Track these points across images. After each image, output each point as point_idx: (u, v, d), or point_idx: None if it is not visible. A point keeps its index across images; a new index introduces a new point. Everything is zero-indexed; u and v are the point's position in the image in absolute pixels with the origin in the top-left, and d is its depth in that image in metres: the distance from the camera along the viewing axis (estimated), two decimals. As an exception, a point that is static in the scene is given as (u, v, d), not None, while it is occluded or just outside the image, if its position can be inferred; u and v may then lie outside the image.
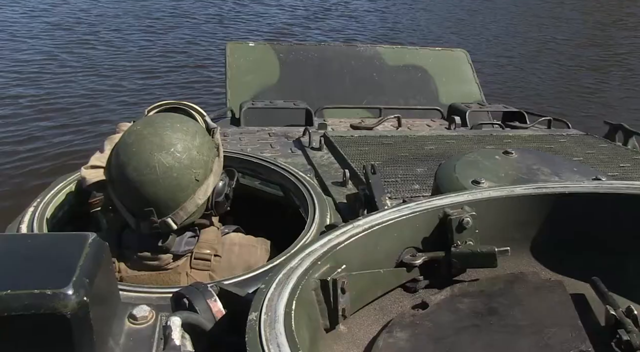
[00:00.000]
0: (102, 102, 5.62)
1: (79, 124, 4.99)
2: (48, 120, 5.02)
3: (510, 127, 2.51)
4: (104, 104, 5.55)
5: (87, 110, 5.34)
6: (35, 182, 3.77)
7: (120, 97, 5.82)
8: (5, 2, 10.26)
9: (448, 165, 1.17)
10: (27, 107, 5.25)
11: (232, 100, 2.61)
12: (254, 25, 10.70)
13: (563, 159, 1.31)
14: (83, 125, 4.98)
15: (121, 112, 5.26)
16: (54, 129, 4.84)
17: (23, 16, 9.66)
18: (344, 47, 3.32)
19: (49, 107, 5.28)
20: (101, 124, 4.93)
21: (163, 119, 1.08)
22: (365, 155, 1.77)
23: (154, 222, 1.04)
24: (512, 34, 10.97)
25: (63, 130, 4.85)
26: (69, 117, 5.13)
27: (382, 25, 11.60)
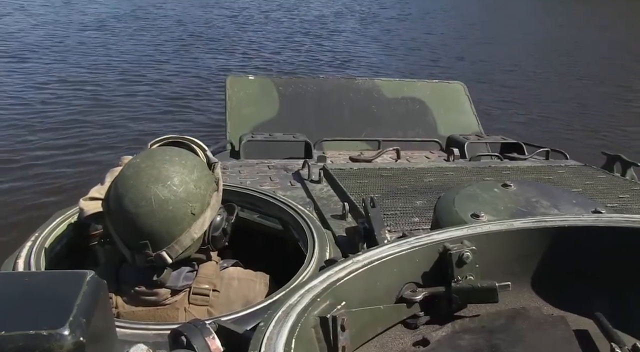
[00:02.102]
0: (103, 135, 5.67)
1: (79, 158, 5.02)
2: (48, 155, 5.04)
3: (509, 158, 2.51)
4: (105, 137, 5.61)
5: (89, 143, 5.38)
6: (35, 214, 3.74)
7: (121, 132, 5.86)
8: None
9: (447, 199, 1.16)
10: (28, 141, 5.29)
11: (232, 133, 2.62)
12: (254, 58, 10.86)
13: (562, 191, 1.31)
14: (84, 158, 5.01)
15: (122, 146, 5.30)
16: (54, 163, 4.87)
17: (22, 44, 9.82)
18: (343, 80, 3.35)
19: (52, 142, 5.33)
20: (102, 158, 4.96)
21: (162, 153, 1.08)
22: (365, 187, 1.77)
23: (149, 255, 1.03)
24: (512, 65, 11.14)
25: (64, 163, 4.87)
26: (69, 150, 5.16)
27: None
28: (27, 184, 4.37)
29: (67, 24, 12.67)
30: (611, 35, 16.17)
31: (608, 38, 15.31)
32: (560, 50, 12.99)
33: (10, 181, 4.40)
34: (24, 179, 4.45)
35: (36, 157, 4.92)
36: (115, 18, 14.16)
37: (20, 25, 11.75)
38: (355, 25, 16.03)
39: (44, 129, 5.59)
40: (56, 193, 4.20)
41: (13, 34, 10.66)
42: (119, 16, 14.57)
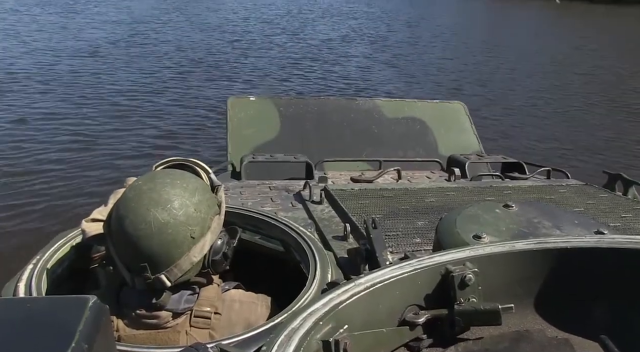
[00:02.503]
0: (106, 159, 5.68)
1: (82, 181, 5.04)
2: (52, 178, 5.07)
3: (510, 178, 2.52)
4: (107, 162, 5.61)
5: (92, 166, 5.41)
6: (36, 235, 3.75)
7: (126, 154, 5.89)
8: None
9: (449, 220, 1.17)
10: (32, 168, 5.31)
11: (233, 154, 2.63)
12: (259, 86, 10.77)
13: (564, 211, 1.32)
14: (87, 182, 5.03)
15: (126, 168, 5.31)
16: (56, 187, 4.89)
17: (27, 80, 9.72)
18: (343, 100, 3.38)
19: (54, 168, 5.36)
20: (105, 181, 4.98)
21: (164, 175, 1.10)
22: (366, 208, 1.77)
23: (148, 278, 1.03)
24: (513, 86, 11.19)
25: (65, 187, 4.89)
26: (72, 174, 5.19)
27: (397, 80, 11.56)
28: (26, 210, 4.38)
29: (59, 50, 12.25)
30: (613, 54, 16.23)
31: (609, 58, 15.37)
32: (562, 70, 13.10)
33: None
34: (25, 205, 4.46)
35: (36, 184, 4.93)
36: (112, 44, 13.78)
37: (8, 52, 11.42)
38: (366, 50, 15.26)
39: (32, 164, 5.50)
40: (54, 218, 4.22)
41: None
42: (116, 41, 14.10)
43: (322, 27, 21.49)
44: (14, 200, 4.59)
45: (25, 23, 17.58)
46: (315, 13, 27.68)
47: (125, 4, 27.67)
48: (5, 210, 4.37)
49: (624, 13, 31.60)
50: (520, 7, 39.93)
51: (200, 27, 19.72)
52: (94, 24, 18.73)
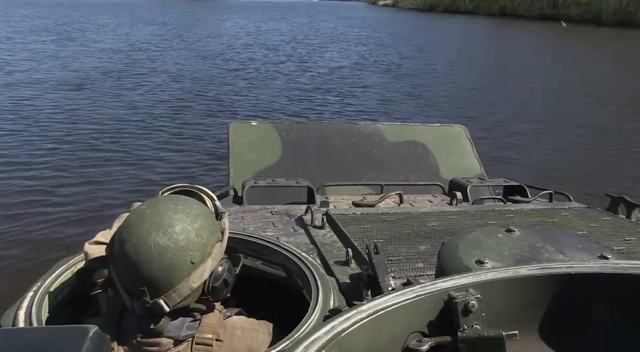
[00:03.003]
0: (109, 185, 5.49)
1: (85, 208, 4.90)
2: (56, 204, 4.95)
3: (512, 201, 2.49)
4: (110, 188, 5.44)
5: (95, 194, 5.25)
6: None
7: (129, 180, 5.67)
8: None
9: (451, 245, 1.15)
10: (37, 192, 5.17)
11: (235, 179, 2.61)
12: (262, 115, 10.14)
13: (566, 235, 1.32)
14: (90, 208, 4.89)
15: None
16: (59, 213, 4.75)
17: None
18: (345, 124, 3.38)
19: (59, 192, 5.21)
20: (108, 206, 4.83)
21: (167, 200, 1.10)
22: (368, 233, 1.75)
23: (147, 302, 1.03)
24: (515, 106, 11.00)
25: (69, 213, 4.76)
26: (76, 200, 5.05)
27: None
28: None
29: (44, 82, 11.48)
30: (614, 75, 15.89)
31: (611, 79, 15.02)
32: (565, 92, 12.87)
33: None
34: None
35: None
36: (104, 74, 13.04)
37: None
38: (382, 79, 14.16)
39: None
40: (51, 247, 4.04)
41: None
42: (107, 72, 13.32)
43: (331, 54, 20.14)
44: (14, 227, 4.48)
45: (14, 52, 16.46)
46: (321, 39, 26.55)
47: (124, 31, 26.75)
48: (5, 236, 4.30)
49: (630, 36, 31.24)
50: (522, 30, 39.88)
51: (200, 54, 18.44)
52: (88, 52, 17.64)
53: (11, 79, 11.62)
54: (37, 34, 22.50)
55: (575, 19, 54.27)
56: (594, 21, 54.81)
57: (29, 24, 27.88)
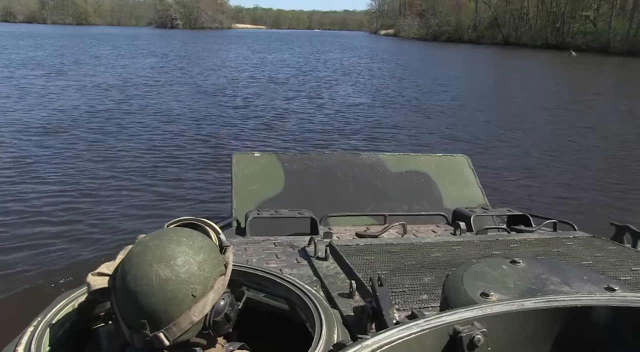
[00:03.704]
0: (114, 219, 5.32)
1: (88, 242, 4.78)
2: (57, 238, 4.81)
3: (516, 231, 2.45)
4: (114, 222, 5.27)
5: (99, 227, 5.11)
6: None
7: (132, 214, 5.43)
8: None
9: (455, 277, 1.13)
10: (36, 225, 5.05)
11: (238, 210, 2.59)
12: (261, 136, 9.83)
13: (572, 266, 1.30)
14: (93, 241, 4.78)
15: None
16: (62, 249, 4.56)
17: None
18: (347, 155, 3.31)
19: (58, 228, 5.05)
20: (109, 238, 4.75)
21: (171, 233, 1.09)
22: (372, 264, 1.73)
23: (146, 335, 1.01)
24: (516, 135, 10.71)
25: (70, 250, 4.58)
26: (79, 237, 4.93)
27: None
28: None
29: (9, 124, 9.75)
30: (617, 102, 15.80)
31: (613, 106, 14.85)
32: (569, 121, 12.66)
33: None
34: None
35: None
36: (90, 113, 11.58)
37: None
38: (409, 117, 12.50)
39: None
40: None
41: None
42: (95, 112, 11.73)
43: (344, 88, 18.37)
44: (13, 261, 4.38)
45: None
46: (330, 70, 24.95)
47: (121, 63, 25.12)
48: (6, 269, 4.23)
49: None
50: (533, 60, 39.23)
51: (202, 89, 16.65)
52: (78, 87, 15.77)
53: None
54: (28, 68, 20.91)
55: (582, 48, 53.23)
56: (602, 50, 53.75)
57: (22, 57, 26.49)
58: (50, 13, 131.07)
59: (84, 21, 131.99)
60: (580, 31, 55.70)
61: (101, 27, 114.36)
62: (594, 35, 52.61)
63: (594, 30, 53.58)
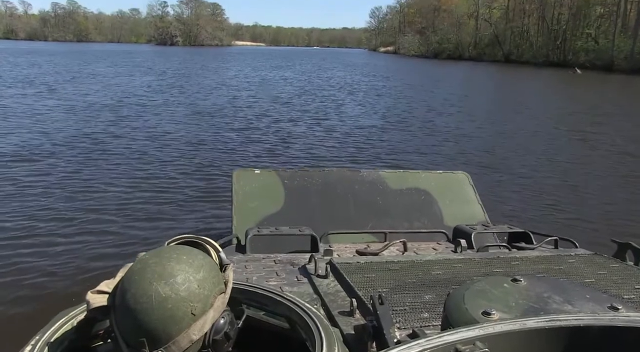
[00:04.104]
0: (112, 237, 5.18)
1: (88, 261, 4.67)
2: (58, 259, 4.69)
3: (517, 248, 2.44)
4: (114, 240, 5.12)
5: (102, 245, 5.01)
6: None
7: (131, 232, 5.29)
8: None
9: (457, 296, 1.13)
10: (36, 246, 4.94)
11: (238, 227, 2.59)
12: (263, 155, 9.48)
13: (574, 284, 1.28)
14: (95, 259, 4.69)
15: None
16: (61, 272, 4.46)
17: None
18: (348, 172, 3.25)
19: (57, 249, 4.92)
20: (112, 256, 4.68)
21: (171, 250, 1.09)
22: (372, 282, 1.72)
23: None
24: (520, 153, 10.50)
25: (70, 269, 4.51)
26: (81, 254, 4.81)
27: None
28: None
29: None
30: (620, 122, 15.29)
31: (623, 129, 14.26)
32: (571, 138, 12.52)
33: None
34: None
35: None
36: (74, 136, 10.39)
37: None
38: (427, 141, 11.42)
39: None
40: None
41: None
42: (77, 137, 10.54)
43: (351, 108, 17.24)
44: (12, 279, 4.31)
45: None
46: (335, 89, 23.94)
47: (117, 81, 24.07)
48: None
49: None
50: (532, 75, 38.80)
51: (200, 109, 15.47)
52: (67, 107, 14.69)
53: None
54: (18, 87, 19.83)
55: (586, 65, 52.54)
56: (606, 68, 53.07)
57: (15, 74, 25.51)
58: (51, 30, 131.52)
59: (84, 38, 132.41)
60: (582, 49, 55.17)
61: (101, 44, 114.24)
62: (597, 52, 52.05)
63: (597, 48, 53.03)
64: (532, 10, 67.66)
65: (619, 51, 49.40)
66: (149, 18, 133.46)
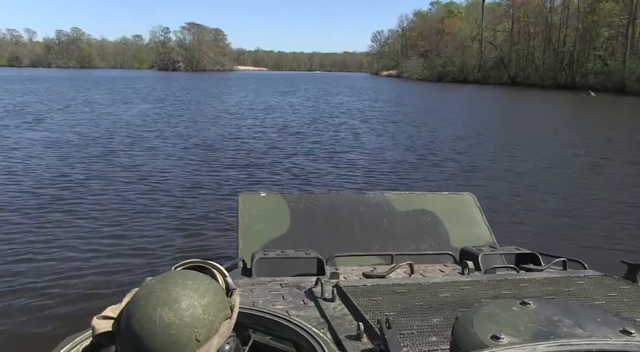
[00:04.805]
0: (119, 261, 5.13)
1: (96, 286, 4.65)
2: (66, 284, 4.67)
3: (525, 269, 2.38)
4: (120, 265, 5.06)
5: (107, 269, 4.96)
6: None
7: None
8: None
9: (465, 319, 1.12)
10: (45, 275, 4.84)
11: (244, 250, 2.58)
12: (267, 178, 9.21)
13: (584, 307, 1.26)
14: (101, 283, 4.66)
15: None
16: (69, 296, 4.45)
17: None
18: (353, 194, 3.28)
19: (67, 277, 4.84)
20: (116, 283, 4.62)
21: (176, 275, 1.08)
22: (379, 305, 1.70)
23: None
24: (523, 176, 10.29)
25: (79, 293, 4.50)
26: (88, 278, 4.78)
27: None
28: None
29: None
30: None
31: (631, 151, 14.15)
32: (574, 161, 12.34)
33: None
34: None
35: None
36: (39, 186, 8.57)
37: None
38: (463, 177, 10.06)
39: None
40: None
41: None
42: (52, 180, 8.88)
43: (368, 138, 15.49)
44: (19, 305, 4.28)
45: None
46: (347, 116, 22.13)
47: (111, 110, 22.36)
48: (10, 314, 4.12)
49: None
50: (544, 98, 37.78)
51: (198, 143, 13.56)
52: (50, 142, 12.90)
53: None
54: (8, 118, 18.04)
55: (596, 87, 50.97)
56: (618, 90, 51.44)
57: (4, 103, 23.74)
58: (55, 57, 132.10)
59: (87, 64, 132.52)
60: (592, 70, 53.85)
61: (104, 70, 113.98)
62: (608, 74, 50.68)
63: (608, 70, 51.71)
64: (538, 33, 66.80)
65: (631, 73, 48.08)
66: (152, 44, 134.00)
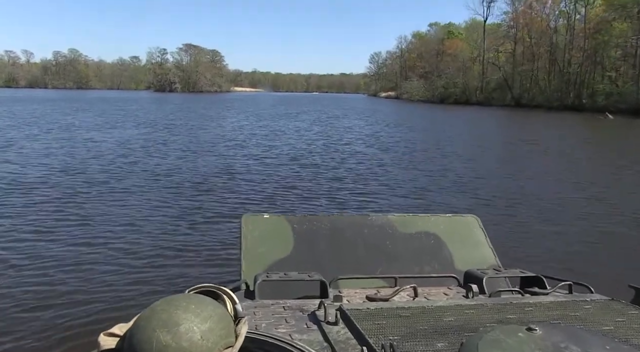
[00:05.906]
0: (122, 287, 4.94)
1: (102, 308, 4.55)
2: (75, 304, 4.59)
3: (530, 293, 2.36)
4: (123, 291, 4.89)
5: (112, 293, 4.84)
6: None
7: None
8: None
9: (470, 345, 1.12)
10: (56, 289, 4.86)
11: (247, 273, 2.55)
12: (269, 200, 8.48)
13: (591, 333, 1.26)
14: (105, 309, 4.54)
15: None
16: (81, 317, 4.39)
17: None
18: (356, 216, 3.32)
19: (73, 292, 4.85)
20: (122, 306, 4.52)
21: (182, 299, 1.08)
22: (383, 329, 1.70)
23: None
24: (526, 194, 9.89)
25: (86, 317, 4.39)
26: (91, 302, 4.67)
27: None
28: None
29: None
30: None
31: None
32: (578, 181, 11.82)
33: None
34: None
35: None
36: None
37: None
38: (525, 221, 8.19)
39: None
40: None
41: None
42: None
43: (401, 173, 12.92)
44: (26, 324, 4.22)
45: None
46: (361, 144, 19.43)
47: (95, 136, 19.78)
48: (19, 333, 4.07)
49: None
50: (558, 121, 35.79)
51: (191, 179, 10.81)
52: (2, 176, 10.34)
53: None
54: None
55: (609, 109, 48.71)
56: (632, 112, 49.10)
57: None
58: (52, 78, 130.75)
59: (84, 85, 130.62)
60: (602, 92, 51.93)
61: (100, 91, 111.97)
62: (621, 95, 48.75)
63: (620, 91, 49.79)
64: (542, 53, 65.27)
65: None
66: (149, 65, 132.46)
